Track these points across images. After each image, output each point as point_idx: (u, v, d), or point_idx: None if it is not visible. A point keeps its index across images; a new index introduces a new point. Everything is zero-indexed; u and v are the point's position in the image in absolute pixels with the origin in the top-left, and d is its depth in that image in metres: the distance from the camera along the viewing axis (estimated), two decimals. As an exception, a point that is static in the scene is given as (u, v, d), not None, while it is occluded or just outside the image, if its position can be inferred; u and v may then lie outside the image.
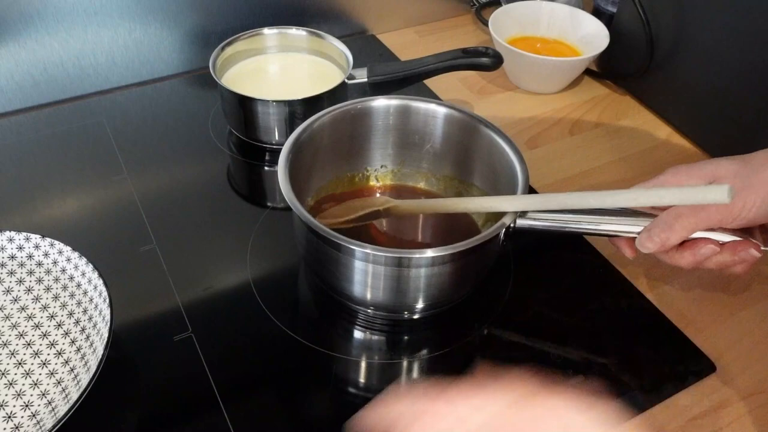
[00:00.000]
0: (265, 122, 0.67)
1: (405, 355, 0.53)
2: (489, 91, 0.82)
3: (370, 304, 0.52)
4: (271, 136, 0.68)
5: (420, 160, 0.61)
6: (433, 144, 0.60)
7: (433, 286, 0.49)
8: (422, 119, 0.59)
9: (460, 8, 0.96)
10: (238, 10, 0.80)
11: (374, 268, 0.47)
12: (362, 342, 0.54)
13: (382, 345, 0.53)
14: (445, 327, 0.55)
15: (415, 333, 0.54)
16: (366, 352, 0.53)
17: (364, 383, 0.51)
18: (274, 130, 0.68)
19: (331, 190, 0.61)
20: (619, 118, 0.78)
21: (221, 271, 0.58)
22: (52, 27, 0.72)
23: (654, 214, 0.47)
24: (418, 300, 0.50)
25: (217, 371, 0.50)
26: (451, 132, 0.59)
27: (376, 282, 0.48)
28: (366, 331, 0.54)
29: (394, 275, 0.48)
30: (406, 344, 0.54)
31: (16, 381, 0.47)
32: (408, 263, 0.47)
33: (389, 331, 0.54)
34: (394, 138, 0.60)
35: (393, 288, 0.49)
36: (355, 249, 0.46)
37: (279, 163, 0.51)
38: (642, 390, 0.50)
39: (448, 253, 0.46)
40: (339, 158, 0.60)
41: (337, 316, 0.55)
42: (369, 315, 0.54)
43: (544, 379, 0.35)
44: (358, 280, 0.49)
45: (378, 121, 0.59)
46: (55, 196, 0.64)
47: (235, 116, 0.69)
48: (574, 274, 0.59)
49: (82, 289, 0.52)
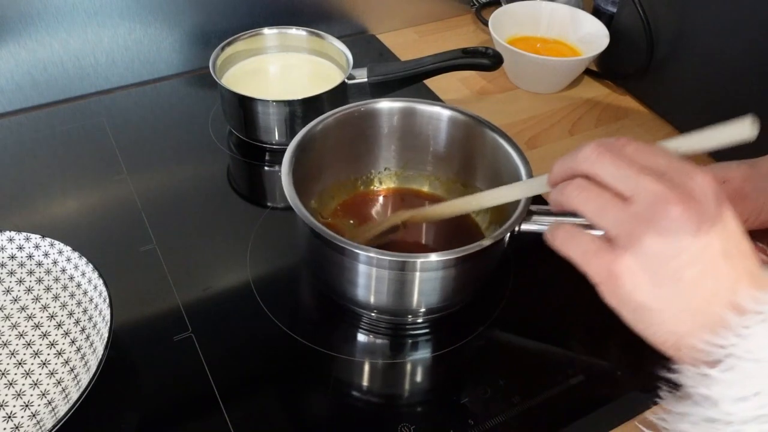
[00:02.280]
0: (265, 122, 0.67)
1: (405, 357, 0.53)
2: (489, 91, 0.82)
3: (374, 307, 0.52)
4: (271, 136, 0.68)
5: (424, 163, 0.61)
6: (436, 146, 0.60)
7: (437, 290, 0.49)
8: (426, 122, 0.59)
9: (460, 8, 0.96)
10: (238, 10, 0.80)
11: (378, 272, 0.47)
12: (362, 343, 0.54)
13: (383, 346, 0.53)
14: (444, 328, 0.55)
15: (415, 334, 0.54)
16: (366, 353, 0.53)
17: (363, 384, 0.51)
18: (274, 130, 0.68)
19: (335, 193, 0.60)
20: (619, 118, 0.78)
21: (221, 271, 0.58)
22: (52, 27, 0.72)
23: None
24: (422, 304, 0.50)
25: (217, 371, 0.50)
26: (454, 134, 0.58)
27: (380, 286, 0.48)
28: (367, 333, 0.54)
29: (398, 279, 0.48)
30: (406, 346, 0.53)
31: (16, 381, 0.47)
32: (413, 267, 0.47)
33: (391, 334, 0.54)
34: (397, 140, 0.60)
35: (397, 292, 0.49)
36: (359, 253, 0.46)
37: (282, 165, 0.51)
38: (642, 390, 0.50)
39: (452, 257, 0.46)
40: (342, 161, 0.60)
41: (337, 317, 0.55)
42: (371, 317, 0.54)
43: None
44: (361, 283, 0.49)
45: (382, 124, 0.59)
46: (55, 196, 0.64)
47: (235, 116, 0.69)
48: (574, 273, 0.59)
49: (82, 289, 0.52)
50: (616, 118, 0.78)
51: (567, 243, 0.39)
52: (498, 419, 0.47)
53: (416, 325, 0.54)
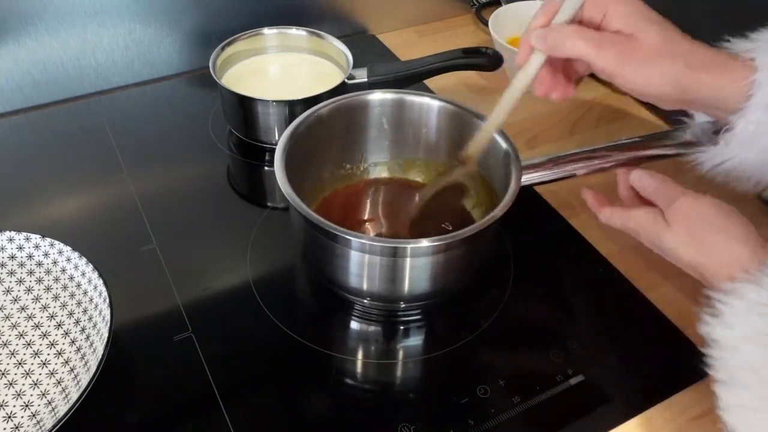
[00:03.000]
0: (265, 122, 0.67)
1: (405, 357, 0.53)
2: (489, 91, 0.82)
3: (366, 294, 0.52)
4: (271, 136, 0.68)
5: (416, 153, 0.62)
6: (428, 137, 0.60)
7: (429, 277, 0.49)
8: (416, 112, 0.59)
9: (460, 8, 0.96)
10: (238, 10, 0.80)
11: (370, 258, 0.48)
12: (363, 343, 0.54)
13: (381, 343, 0.53)
14: (444, 326, 0.55)
15: (415, 334, 0.54)
16: (366, 352, 0.53)
17: (363, 384, 0.51)
18: (274, 130, 0.68)
19: (328, 183, 0.61)
20: (619, 118, 0.78)
21: (221, 271, 0.58)
22: (52, 27, 0.72)
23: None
24: (415, 290, 0.50)
25: (217, 371, 0.50)
26: (445, 124, 0.59)
27: (372, 272, 0.49)
28: (365, 327, 0.54)
29: (389, 265, 0.48)
30: (407, 348, 0.54)
31: (16, 381, 0.47)
32: (403, 253, 0.47)
33: (387, 329, 0.54)
34: (390, 131, 0.61)
35: (389, 278, 0.49)
36: (351, 239, 0.46)
37: (275, 154, 0.51)
38: (642, 390, 0.50)
39: (443, 242, 0.46)
40: (335, 151, 0.60)
41: (337, 316, 0.55)
42: (366, 306, 0.54)
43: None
44: (353, 270, 0.49)
45: (374, 114, 0.60)
46: (55, 196, 0.64)
47: (236, 116, 0.69)
48: (574, 273, 0.59)
49: (82, 289, 0.52)
50: (616, 118, 0.78)
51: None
52: (498, 419, 0.47)
53: (410, 313, 0.55)
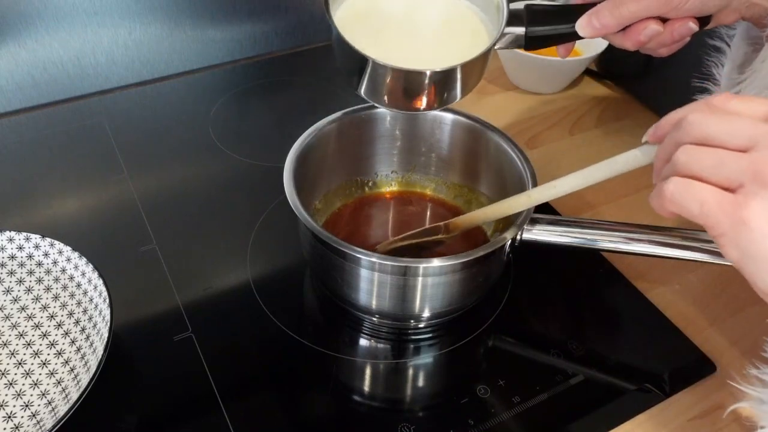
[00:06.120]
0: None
1: (405, 358, 0.53)
2: (489, 91, 0.82)
3: (376, 312, 0.52)
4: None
5: (428, 166, 0.61)
6: (440, 150, 0.60)
7: (440, 296, 0.49)
8: (429, 125, 0.59)
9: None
10: (238, 10, 0.80)
11: (380, 277, 0.47)
12: (363, 343, 0.54)
13: (384, 349, 0.53)
14: (445, 329, 0.55)
15: (417, 339, 0.54)
16: (367, 354, 0.53)
17: (363, 384, 0.51)
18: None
19: (339, 196, 0.60)
20: (619, 118, 0.78)
21: (221, 271, 0.58)
22: (52, 27, 0.72)
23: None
24: (425, 309, 0.50)
25: (217, 371, 0.50)
26: (458, 137, 0.59)
27: (382, 291, 0.48)
28: (368, 335, 0.54)
29: (399, 284, 0.47)
30: (408, 350, 0.53)
31: (16, 381, 0.47)
32: (415, 272, 0.46)
33: (393, 339, 0.54)
34: (401, 144, 0.60)
35: (399, 297, 0.48)
36: (361, 257, 0.46)
37: (285, 168, 0.51)
38: (642, 390, 0.50)
39: (455, 262, 0.46)
40: (347, 163, 0.60)
41: (337, 316, 0.55)
42: (373, 321, 0.54)
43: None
44: (363, 288, 0.49)
45: (386, 127, 0.59)
46: (55, 196, 0.64)
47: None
48: (574, 274, 0.59)
49: (82, 289, 0.52)
50: (616, 118, 0.78)
51: (681, 195, 0.34)
52: (498, 419, 0.47)
53: (419, 330, 0.54)
